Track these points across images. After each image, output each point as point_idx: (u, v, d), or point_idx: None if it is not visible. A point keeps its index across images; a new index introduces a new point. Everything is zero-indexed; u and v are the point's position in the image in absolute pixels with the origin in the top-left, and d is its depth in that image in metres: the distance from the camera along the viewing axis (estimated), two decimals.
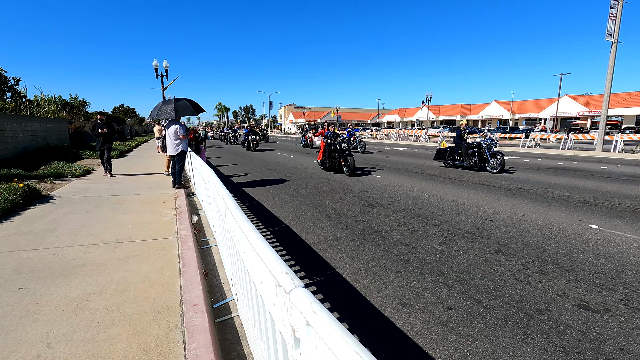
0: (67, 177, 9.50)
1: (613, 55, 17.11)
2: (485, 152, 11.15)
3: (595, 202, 6.88)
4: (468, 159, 11.65)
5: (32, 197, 6.44)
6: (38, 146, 14.49)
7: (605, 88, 17.79)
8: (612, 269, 3.81)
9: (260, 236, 1.83)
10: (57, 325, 2.56)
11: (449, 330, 2.74)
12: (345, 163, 10.98)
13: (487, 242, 4.70)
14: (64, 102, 24.59)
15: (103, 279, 3.31)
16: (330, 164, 11.50)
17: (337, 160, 11.26)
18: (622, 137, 18.89)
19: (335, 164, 11.39)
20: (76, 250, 4.07)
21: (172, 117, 7.53)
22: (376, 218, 5.91)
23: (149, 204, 6.47)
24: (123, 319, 2.64)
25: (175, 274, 3.46)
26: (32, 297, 2.95)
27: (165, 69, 21.33)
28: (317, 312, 1.07)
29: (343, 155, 11.01)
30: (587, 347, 2.51)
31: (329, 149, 11.55)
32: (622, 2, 16.56)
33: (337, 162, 11.28)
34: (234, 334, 2.64)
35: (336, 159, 11.29)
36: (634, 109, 43.12)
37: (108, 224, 5.15)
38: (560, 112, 49.25)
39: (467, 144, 11.91)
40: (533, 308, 3.04)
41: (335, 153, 11.32)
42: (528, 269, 3.84)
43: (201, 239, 4.79)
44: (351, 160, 10.63)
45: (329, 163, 11.55)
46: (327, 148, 11.58)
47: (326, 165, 11.70)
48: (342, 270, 3.85)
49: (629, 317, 2.89)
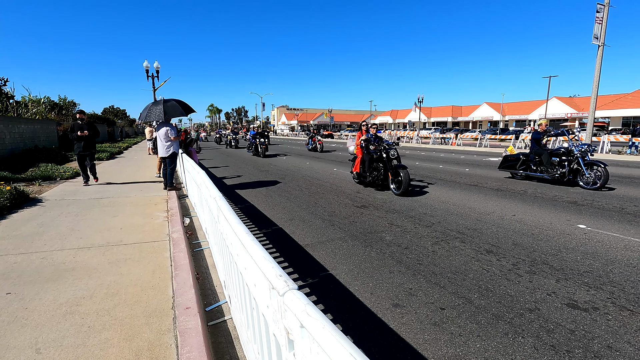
0: (56, 180, 9.35)
1: (600, 58, 17.46)
2: (579, 161, 8.65)
3: (584, 203, 7.00)
4: (552, 170, 9.10)
5: (19, 200, 6.33)
6: (26, 148, 14.24)
7: (592, 90, 18.14)
8: (599, 267, 3.88)
9: (253, 238, 1.83)
10: (46, 330, 2.51)
11: (441, 330, 2.76)
12: (394, 178, 8.12)
13: (479, 242, 4.75)
14: (52, 104, 24.22)
15: (93, 283, 3.27)
16: (373, 178, 8.65)
17: (382, 173, 8.50)
18: (609, 138, 19.27)
19: (378, 178, 8.59)
20: (65, 254, 4.01)
21: (161, 119, 7.45)
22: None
23: (140, 206, 6.40)
24: (114, 323, 2.61)
25: (167, 277, 3.43)
26: (20, 302, 2.90)
27: (156, 70, 21.14)
28: (311, 314, 1.07)
29: (391, 167, 8.14)
30: (577, 345, 2.55)
31: (369, 157, 8.71)
32: (608, 6, 16.93)
33: (382, 175, 8.51)
34: (227, 337, 2.63)
35: (380, 171, 8.54)
36: (621, 110, 44.04)
37: (98, 227, 5.08)
38: (549, 113, 50.12)
39: (550, 150, 9.44)
40: (524, 307, 3.08)
41: (379, 163, 8.63)
42: (518, 268, 3.89)
43: (193, 241, 4.76)
44: (404, 175, 7.68)
45: (370, 177, 8.69)
46: (367, 156, 8.74)
47: (366, 179, 8.83)
48: (334, 272, 3.86)
49: (616, 315, 2.95)
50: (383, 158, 8.38)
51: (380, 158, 8.54)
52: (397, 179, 7.98)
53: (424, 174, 11.42)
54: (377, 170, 8.61)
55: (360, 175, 9.21)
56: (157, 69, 21.19)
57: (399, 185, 7.86)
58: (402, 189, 7.67)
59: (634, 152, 17.21)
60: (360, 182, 9.47)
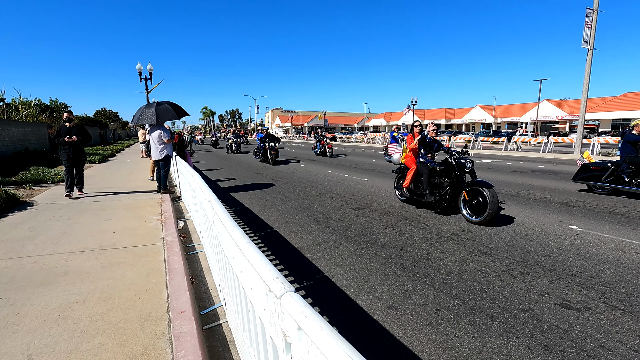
0: (47, 183, 9.23)
1: (589, 61, 17.76)
2: None
3: (575, 204, 7.10)
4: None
5: (9, 203, 6.23)
6: (16, 151, 14.04)
7: (582, 93, 18.43)
8: (591, 268, 3.94)
9: (249, 241, 1.82)
10: (38, 336, 2.48)
11: (436, 331, 2.78)
12: (472, 199, 5.80)
13: (473, 244, 4.79)
14: (43, 106, 23.89)
15: (86, 288, 3.23)
16: (436, 198, 6.33)
17: (448, 191, 6.18)
18: (599, 140, 19.57)
19: (444, 198, 6.23)
20: (57, 258, 3.95)
21: (153, 122, 7.39)
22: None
23: (134, 209, 6.34)
24: (108, 328, 2.58)
25: (161, 280, 3.40)
26: (11, 308, 2.85)
27: (149, 72, 21.01)
28: (308, 316, 1.07)
29: (467, 184, 5.92)
30: (570, 345, 2.58)
31: (428, 170, 6.43)
32: (597, 11, 17.24)
33: (448, 194, 6.19)
34: (222, 341, 2.61)
35: (445, 188, 6.26)
36: (610, 113, 44.80)
37: (91, 230, 5.02)
38: (541, 116, 50.79)
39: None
40: (517, 308, 3.11)
41: (443, 178, 6.37)
42: (512, 269, 3.93)
43: (188, 244, 4.73)
44: (491, 196, 5.46)
45: (431, 196, 6.37)
46: (426, 169, 6.45)
47: (423, 198, 6.55)
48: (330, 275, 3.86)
49: (608, 314, 2.99)
50: (452, 171, 6.17)
51: (446, 171, 6.34)
52: (476, 200, 5.74)
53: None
54: (441, 187, 6.41)
55: (413, 192, 6.92)
56: (151, 71, 21.06)
57: (480, 209, 5.63)
58: (487, 215, 5.47)
59: None
60: (409, 200, 7.25)
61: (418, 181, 6.84)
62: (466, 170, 6.01)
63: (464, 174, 6.05)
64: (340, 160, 17.47)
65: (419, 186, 6.77)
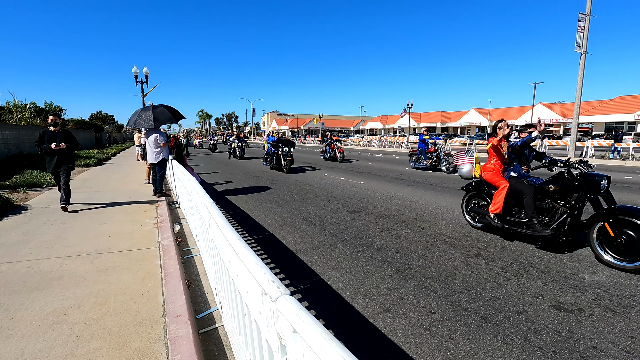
0: (42, 187, 9.17)
1: (582, 65, 17.97)
2: None
3: None
4: None
5: (3, 208, 6.19)
6: (10, 154, 13.93)
7: (575, 97, 18.64)
8: (584, 270, 3.98)
9: (245, 245, 1.84)
10: (32, 341, 2.46)
11: (432, 334, 2.80)
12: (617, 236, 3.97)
13: (468, 246, 4.82)
14: (38, 109, 23.73)
15: (81, 292, 3.22)
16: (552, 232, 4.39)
17: (568, 221, 4.36)
18: (593, 143, 19.78)
19: (561, 230, 4.39)
20: (52, 262, 3.93)
21: (151, 126, 7.38)
22: None
23: (129, 213, 6.32)
24: (103, 333, 2.58)
25: (157, 284, 3.40)
26: (5, 313, 2.84)
27: (145, 75, 20.95)
28: (303, 319, 1.09)
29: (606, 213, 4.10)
30: (563, 347, 2.61)
31: (531, 190, 4.64)
32: (589, 15, 17.48)
33: (567, 225, 4.36)
34: (218, 345, 2.61)
35: (561, 216, 4.43)
36: (603, 116, 45.33)
37: (86, 234, 5.00)
38: (535, 119, 51.23)
39: None
40: (512, 310, 3.14)
41: (556, 201, 4.57)
42: (507, 272, 3.96)
43: (184, 248, 4.72)
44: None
45: (543, 229, 4.45)
46: (525, 188, 4.71)
47: (527, 229, 4.64)
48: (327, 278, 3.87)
49: (600, 316, 3.02)
50: (574, 192, 4.42)
51: (562, 191, 4.51)
52: (626, 237, 3.92)
53: (421, 180, 11.53)
54: (552, 214, 4.58)
55: (505, 220, 4.95)
56: (147, 75, 21.00)
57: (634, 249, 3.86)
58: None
59: (617, 156, 17.72)
60: (489, 226, 5.41)
61: (511, 204, 5.01)
62: (601, 191, 4.25)
63: (597, 195, 4.28)
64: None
65: (513, 211, 5.00)
